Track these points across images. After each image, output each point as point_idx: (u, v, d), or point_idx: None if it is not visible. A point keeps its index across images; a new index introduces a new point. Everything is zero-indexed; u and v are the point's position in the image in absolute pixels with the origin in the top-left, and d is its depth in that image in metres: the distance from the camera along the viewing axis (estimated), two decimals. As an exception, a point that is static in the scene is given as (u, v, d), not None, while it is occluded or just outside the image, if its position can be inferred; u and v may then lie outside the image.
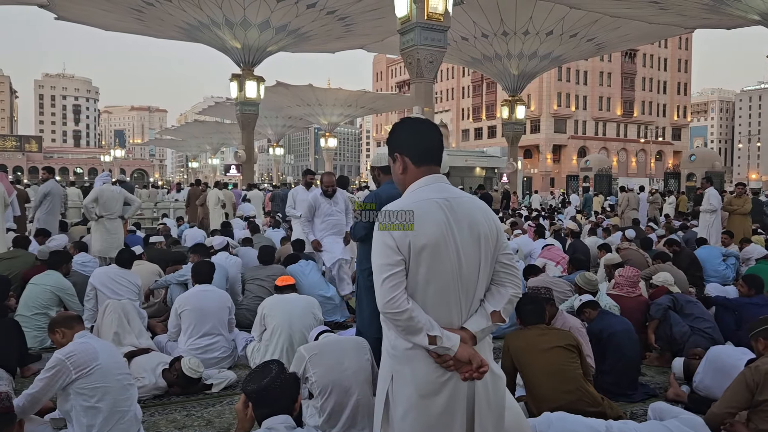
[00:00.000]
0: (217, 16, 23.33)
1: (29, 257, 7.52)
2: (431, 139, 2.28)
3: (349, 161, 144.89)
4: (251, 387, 2.54)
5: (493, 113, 68.35)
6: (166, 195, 25.29)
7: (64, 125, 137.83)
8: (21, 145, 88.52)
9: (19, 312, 5.77)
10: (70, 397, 3.30)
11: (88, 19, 25.93)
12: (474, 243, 2.12)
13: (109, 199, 8.47)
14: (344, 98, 41.63)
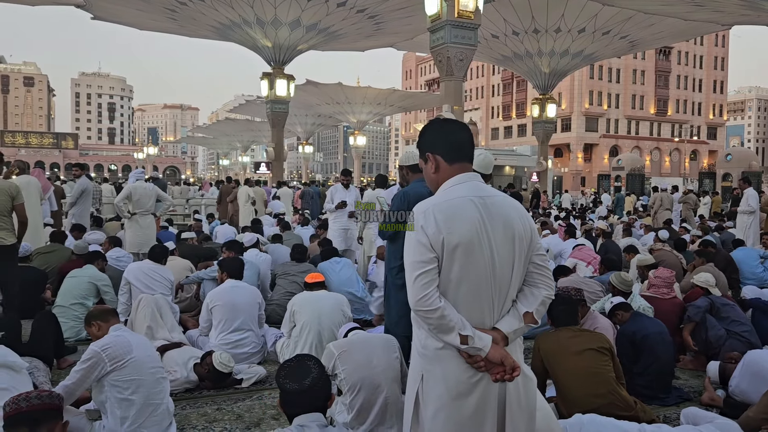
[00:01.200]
0: (248, 15, 23.56)
1: (65, 251, 7.71)
2: (462, 136, 2.28)
3: (378, 159, 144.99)
4: (293, 386, 2.47)
5: (523, 111, 67.71)
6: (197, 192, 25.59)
7: (100, 123, 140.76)
8: (58, 143, 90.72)
9: (58, 303, 5.93)
10: (105, 389, 3.37)
11: (123, 18, 26.42)
12: (508, 242, 2.10)
13: (142, 195, 8.62)
14: (373, 96, 41.70)
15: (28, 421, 2.17)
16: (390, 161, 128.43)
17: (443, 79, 17.02)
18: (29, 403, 2.19)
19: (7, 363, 3.17)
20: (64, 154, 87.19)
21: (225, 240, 10.18)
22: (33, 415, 2.18)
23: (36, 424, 2.17)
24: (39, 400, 2.21)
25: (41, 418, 2.19)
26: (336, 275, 6.73)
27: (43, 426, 2.19)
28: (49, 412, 2.23)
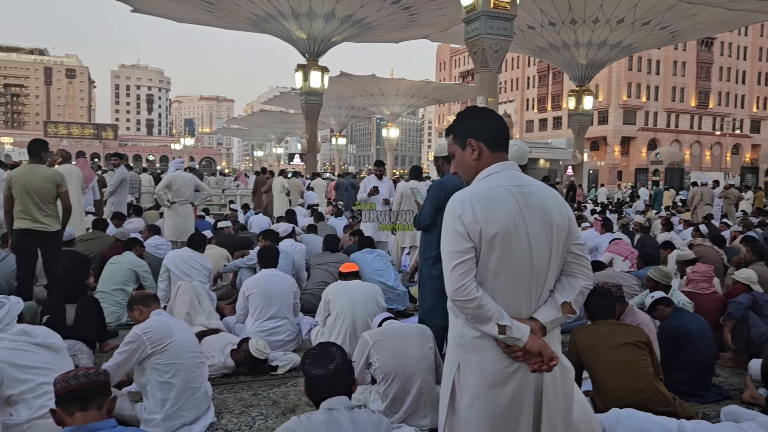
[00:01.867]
0: (283, 7, 23.71)
1: (107, 239, 7.91)
2: (502, 126, 2.27)
3: (411, 151, 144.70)
4: (318, 372, 2.51)
5: (558, 104, 66.69)
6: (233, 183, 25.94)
7: (138, 114, 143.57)
8: (98, 133, 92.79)
9: (99, 289, 6.09)
10: (146, 371, 3.47)
11: (162, 11, 26.87)
12: (546, 232, 2.09)
13: (181, 185, 8.76)
14: (407, 88, 41.62)
15: (79, 399, 2.24)
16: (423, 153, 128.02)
17: (478, 70, 16.89)
18: (78, 381, 2.25)
19: (47, 343, 3.28)
20: (104, 145, 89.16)
21: (260, 229, 10.33)
22: (83, 392, 2.24)
23: (86, 400, 2.24)
24: (87, 378, 2.27)
25: (90, 395, 2.25)
26: (369, 265, 6.75)
27: (92, 402, 2.25)
28: (97, 388, 2.29)
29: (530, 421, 2.09)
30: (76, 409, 2.22)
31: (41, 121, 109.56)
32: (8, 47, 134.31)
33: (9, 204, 5.74)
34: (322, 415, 2.44)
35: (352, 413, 2.47)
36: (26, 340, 3.21)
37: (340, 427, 2.40)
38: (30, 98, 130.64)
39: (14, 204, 5.69)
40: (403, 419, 3.60)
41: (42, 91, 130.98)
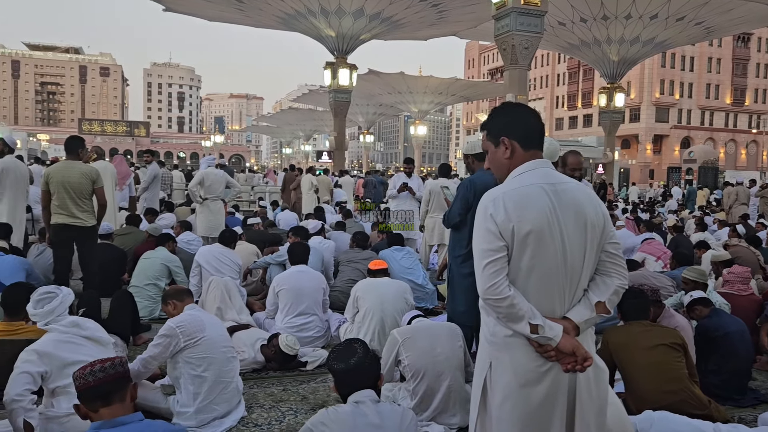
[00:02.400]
0: (313, 5, 23.82)
1: (140, 234, 8.06)
2: (537, 123, 2.24)
3: (438, 149, 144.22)
4: (340, 366, 2.62)
5: (589, 101, 65.75)
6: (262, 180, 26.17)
7: (170, 112, 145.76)
8: (131, 130, 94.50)
9: (133, 283, 6.21)
10: (179, 365, 3.53)
11: (193, 9, 27.22)
12: (580, 230, 2.06)
13: (213, 182, 8.87)
14: (435, 86, 41.47)
15: (100, 394, 2.24)
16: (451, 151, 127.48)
17: (507, 67, 16.77)
18: (95, 377, 2.24)
19: (96, 337, 3.35)
20: (136, 142, 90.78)
21: (288, 226, 10.41)
22: (102, 387, 2.24)
23: (108, 395, 2.24)
24: (104, 373, 2.25)
25: (111, 390, 2.25)
26: (397, 263, 6.76)
27: (114, 396, 2.25)
28: (116, 381, 2.27)
29: (563, 421, 2.07)
30: (99, 406, 2.23)
31: (76, 118, 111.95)
32: (45, 46, 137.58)
33: (46, 200, 5.88)
34: (348, 407, 2.51)
35: (378, 406, 2.54)
36: (76, 332, 3.27)
37: (366, 418, 2.45)
38: (65, 96, 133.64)
39: (51, 200, 5.83)
40: (432, 417, 3.60)
41: (77, 89, 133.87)
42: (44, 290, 3.37)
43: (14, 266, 5.73)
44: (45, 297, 3.32)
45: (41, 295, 3.33)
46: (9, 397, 2.97)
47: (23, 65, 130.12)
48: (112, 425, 2.18)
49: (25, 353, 3.13)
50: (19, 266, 5.80)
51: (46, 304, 3.28)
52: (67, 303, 3.36)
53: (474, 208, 4.37)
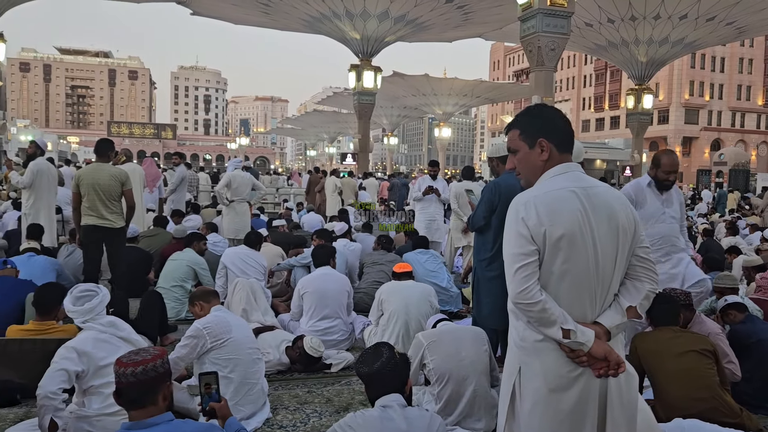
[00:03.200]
0: (338, 8, 23.92)
1: (167, 235, 8.17)
2: (569, 127, 2.23)
3: (463, 151, 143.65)
4: (364, 369, 2.63)
5: (616, 103, 64.94)
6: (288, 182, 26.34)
7: (196, 114, 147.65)
8: (158, 133, 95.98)
9: (160, 284, 6.28)
10: (206, 366, 3.56)
11: (220, 13, 27.53)
12: (611, 234, 2.04)
13: (240, 184, 8.96)
14: (460, 88, 41.30)
15: (132, 398, 2.24)
16: (475, 153, 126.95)
17: (533, 69, 16.62)
18: (127, 380, 2.24)
19: (131, 339, 3.38)
20: (163, 144, 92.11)
21: (312, 228, 10.46)
22: (133, 392, 2.24)
23: (138, 400, 2.24)
24: (135, 377, 2.23)
25: (142, 394, 2.24)
26: (422, 266, 6.74)
27: (147, 399, 2.24)
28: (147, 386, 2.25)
29: (594, 427, 2.04)
30: (130, 408, 2.24)
31: (105, 121, 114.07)
32: (75, 50, 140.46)
33: (77, 201, 5.99)
34: (376, 412, 2.51)
35: (405, 411, 2.53)
36: (113, 332, 3.29)
37: (393, 423, 2.45)
38: (95, 99, 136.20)
39: (82, 201, 5.94)
40: (456, 422, 3.57)
41: (106, 92, 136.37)
42: (84, 288, 3.38)
43: (45, 267, 5.85)
44: (85, 295, 3.33)
45: (81, 292, 3.34)
46: (43, 393, 2.98)
47: (54, 69, 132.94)
48: (143, 426, 2.19)
49: (64, 350, 3.14)
50: (50, 267, 5.92)
51: (86, 301, 3.30)
52: (105, 302, 3.38)
53: (498, 211, 4.39)
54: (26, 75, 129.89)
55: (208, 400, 2.69)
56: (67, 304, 3.28)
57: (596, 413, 2.03)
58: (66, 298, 3.31)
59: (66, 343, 3.18)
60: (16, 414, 3.80)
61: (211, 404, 2.68)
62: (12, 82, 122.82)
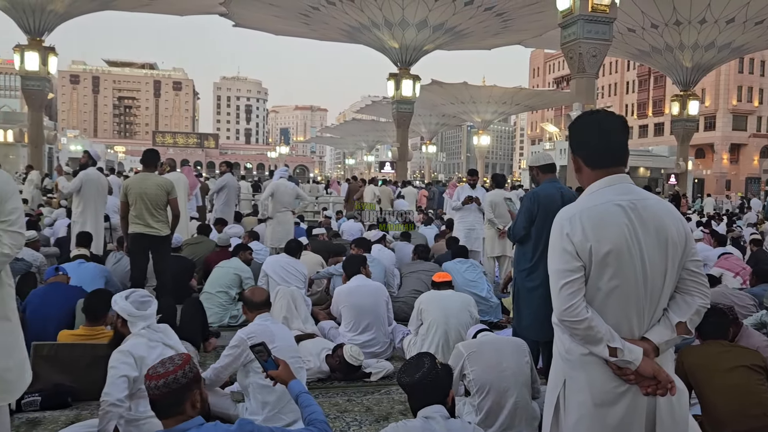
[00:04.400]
0: (377, 18, 24.11)
1: (210, 243, 8.33)
2: (608, 139, 2.12)
3: (501, 159, 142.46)
4: (406, 379, 2.63)
5: (660, 109, 63.49)
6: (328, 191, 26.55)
7: (237, 124, 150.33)
8: (201, 142, 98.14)
9: (206, 290, 6.44)
10: (249, 374, 3.63)
11: (261, 24, 28.08)
12: (660, 249, 1.99)
13: (283, 193, 9.09)
14: (499, 95, 41.05)
15: (159, 409, 2.29)
16: (514, 161, 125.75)
17: (574, 76, 16.47)
18: (152, 392, 2.28)
19: (176, 347, 3.44)
20: (206, 153, 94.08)
21: (352, 236, 10.52)
22: (159, 403, 2.28)
23: (166, 409, 2.28)
24: (158, 390, 2.26)
25: (169, 405, 2.27)
26: (461, 276, 6.70)
27: (174, 408, 2.27)
28: (174, 396, 2.27)
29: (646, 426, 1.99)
30: (160, 418, 2.29)
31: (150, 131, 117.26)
32: (123, 62, 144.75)
33: (125, 210, 6.18)
34: (418, 422, 2.50)
35: (448, 423, 2.51)
36: (162, 338, 3.37)
37: None
38: (141, 110, 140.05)
39: (129, 210, 6.12)
40: (497, 434, 3.54)
41: (151, 103, 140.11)
42: (143, 293, 3.46)
43: (95, 273, 6.03)
44: (146, 300, 3.42)
45: (142, 297, 3.42)
46: (110, 400, 3.04)
47: (102, 81, 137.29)
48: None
49: (121, 355, 3.21)
50: (99, 273, 6.11)
51: (148, 307, 3.39)
52: (156, 308, 3.48)
53: (538, 221, 4.35)
54: (76, 87, 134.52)
55: (267, 367, 2.80)
56: (130, 308, 3.34)
57: (644, 430, 1.99)
58: (123, 303, 3.37)
59: (120, 348, 3.26)
60: (67, 416, 3.93)
61: (270, 372, 2.79)
62: (62, 93, 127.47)
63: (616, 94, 73.19)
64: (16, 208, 2.80)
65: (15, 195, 2.82)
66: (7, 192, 2.77)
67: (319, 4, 23.88)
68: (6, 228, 2.72)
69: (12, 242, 2.73)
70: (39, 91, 22.80)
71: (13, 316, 2.85)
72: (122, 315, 3.35)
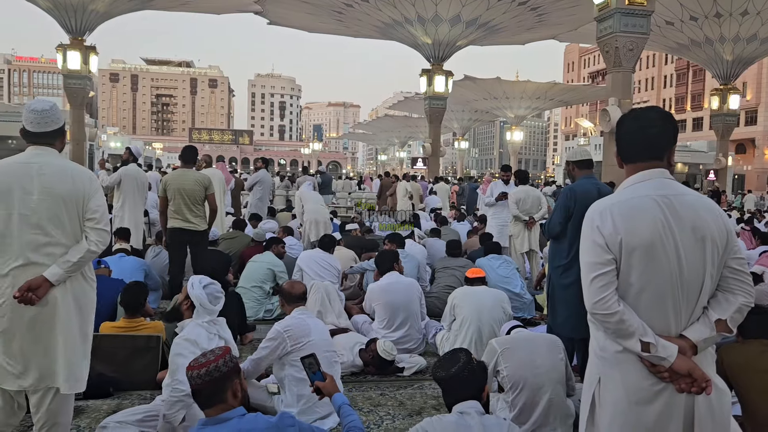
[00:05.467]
0: (410, 14, 24.07)
1: (245, 238, 8.46)
2: (642, 133, 2.09)
3: (535, 155, 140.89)
4: (441, 374, 2.63)
5: (699, 104, 61.95)
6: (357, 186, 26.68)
7: (271, 120, 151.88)
8: (236, 139, 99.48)
9: (240, 284, 6.54)
10: (285, 367, 3.69)
11: (295, 22, 28.29)
12: (697, 245, 1.96)
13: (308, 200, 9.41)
14: (532, 91, 40.62)
15: (202, 399, 2.34)
16: (548, 157, 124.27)
17: (611, 70, 16.18)
18: (194, 382, 2.32)
19: (226, 337, 3.57)
20: (241, 149, 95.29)
21: (383, 232, 10.56)
22: (202, 392, 2.32)
23: (208, 398, 2.32)
24: (201, 379, 2.31)
25: (211, 393, 2.31)
26: (494, 272, 6.68)
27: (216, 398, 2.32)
28: (216, 385, 2.32)
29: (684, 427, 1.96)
30: (203, 408, 2.33)
31: (187, 127, 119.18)
32: (160, 61, 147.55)
33: (164, 205, 6.32)
34: (453, 417, 2.50)
35: (483, 418, 2.51)
36: (218, 331, 3.47)
37: (470, 430, 2.43)
38: (177, 107, 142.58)
39: (168, 205, 6.26)
40: (531, 430, 3.53)
41: (188, 100, 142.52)
42: (219, 289, 3.55)
43: (135, 267, 6.20)
44: (220, 296, 3.51)
45: (218, 293, 3.52)
46: (185, 389, 2.99)
47: (141, 79, 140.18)
48: (215, 422, 2.27)
49: (189, 344, 3.27)
50: (138, 267, 6.27)
51: (218, 303, 3.49)
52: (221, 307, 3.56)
53: (574, 218, 4.31)
54: (115, 85, 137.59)
55: (314, 379, 2.82)
56: (204, 299, 3.42)
57: (682, 429, 1.96)
58: (200, 291, 3.43)
59: (186, 337, 3.32)
60: (109, 405, 4.05)
61: (317, 383, 2.80)
62: (102, 92, 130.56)
63: (653, 88, 71.66)
64: (100, 206, 2.93)
65: (99, 193, 2.95)
66: (91, 190, 2.91)
67: (353, 0, 23.96)
68: (93, 226, 2.87)
69: (98, 239, 2.88)
70: (80, 89, 23.39)
71: (91, 309, 3.01)
72: (194, 302, 3.42)
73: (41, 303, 2.77)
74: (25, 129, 2.90)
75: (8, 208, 2.75)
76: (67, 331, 2.86)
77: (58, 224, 2.81)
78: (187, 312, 3.43)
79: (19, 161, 2.84)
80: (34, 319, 2.79)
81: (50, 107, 2.92)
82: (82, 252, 2.83)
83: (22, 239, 2.75)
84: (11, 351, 2.79)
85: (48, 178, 2.80)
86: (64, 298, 2.85)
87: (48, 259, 2.78)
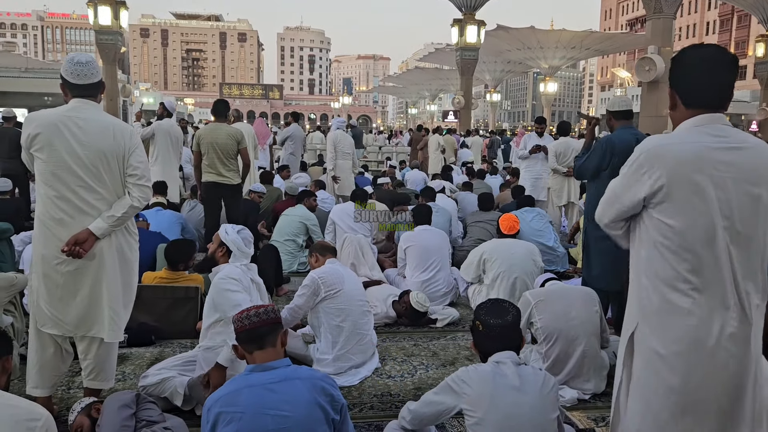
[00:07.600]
0: (441, -39, 23.33)
1: (275, 191, 8.51)
2: (711, 77, 1.96)
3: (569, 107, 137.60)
4: (494, 320, 2.56)
5: (743, 51, 59.43)
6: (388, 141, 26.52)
7: (301, 74, 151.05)
8: (266, 93, 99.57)
9: (274, 238, 6.62)
10: (320, 314, 3.78)
11: (324, -28, 27.64)
12: (751, 200, 1.85)
13: (342, 142, 9.17)
14: (567, 40, 39.32)
15: (255, 339, 2.39)
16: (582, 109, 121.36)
17: (650, 17, 15.57)
18: (250, 321, 2.38)
19: (260, 282, 3.64)
20: (270, 104, 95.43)
21: (416, 185, 10.52)
22: (257, 331, 2.37)
23: (261, 339, 2.39)
24: (258, 318, 2.38)
25: (264, 334, 2.38)
26: (527, 225, 6.62)
27: (267, 340, 2.39)
28: (269, 326, 2.40)
29: (728, 397, 1.90)
30: (254, 348, 2.37)
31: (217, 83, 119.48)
32: (189, 15, 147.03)
33: (198, 159, 6.38)
34: (489, 367, 2.51)
35: (519, 369, 2.51)
36: (251, 274, 3.54)
37: (506, 379, 2.44)
38: (207, 62, 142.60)
39: (202, 159, 6.32)
40: (564, 381, 3.55)
41: (218, 55, 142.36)
42: (249, 234, 3.62)
43: (171, 220, 6.33)
44: (251, 241, 3.58)
45: (250, 237, 3.59)
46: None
47: (171, 34, 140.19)
48: (263, 369, 2.34)
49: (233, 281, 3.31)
50: (175, 220, 6.40)
51: (250, 246, 3.56)
52: None
53: (611, 169, 4.21)
54: (146, 40, 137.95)
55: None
56: (240, 243, 3.49)
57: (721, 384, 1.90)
58: (235, 236, 3.50)
59: (225, 274, 3.36)
60: (151, 353, 4.20)
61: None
62: (134, 47, 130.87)
63: (695, 35, 68.88)
64: (141, 161, 2.98)
65: (140, 147, 3.00)
66: (132, 145, 2.96)
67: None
68: (135, 182, 2.93)
69: (140, 195, 2.94)
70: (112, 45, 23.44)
71: (134, 262, 3.11)
72: (231, 247, 3.48)
73: (88, 257, 2.85)
74: (69, 82, 2.92)
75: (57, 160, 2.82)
76: (112, 283, 2.95)
77: (100, 179, 2.86)
78: (222, 259, 3.50)
79: (62, 113, 2.88)
80: (80, 271, 2.88)
81: (92, 59, 2.97)
82: (126, 207, 2.90)
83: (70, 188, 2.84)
84: (53, 299, 2.89)
85: (90, 134, 2.84)
86: (110, 252, 2.92)
87: (93, 211, 2.86)
